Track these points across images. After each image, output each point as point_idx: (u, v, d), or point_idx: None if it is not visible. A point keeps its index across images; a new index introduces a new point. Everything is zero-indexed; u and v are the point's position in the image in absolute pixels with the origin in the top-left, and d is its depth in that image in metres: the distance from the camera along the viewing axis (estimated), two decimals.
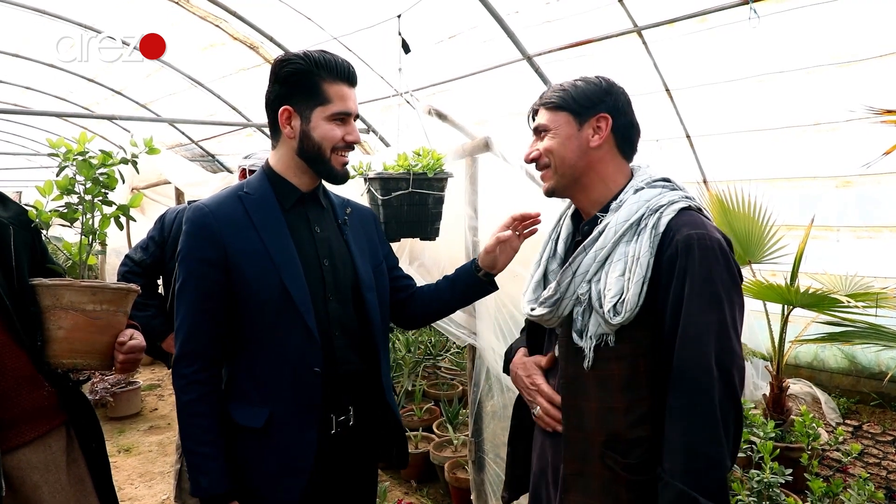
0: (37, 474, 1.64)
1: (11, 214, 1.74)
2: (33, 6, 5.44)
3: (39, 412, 1.67)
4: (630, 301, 1.31)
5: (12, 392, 1.60)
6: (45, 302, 1.64)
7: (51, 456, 1.68)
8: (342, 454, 1.68)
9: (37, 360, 1.65)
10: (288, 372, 1.56)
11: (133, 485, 4.14)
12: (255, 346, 1.59)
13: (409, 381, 4.87)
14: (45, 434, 1.68)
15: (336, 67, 1.56)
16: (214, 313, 1.56)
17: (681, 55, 3.87)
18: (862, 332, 2.89)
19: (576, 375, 1.44)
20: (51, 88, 7.82)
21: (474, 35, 4.49)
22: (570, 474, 1.44)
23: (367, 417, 1.74)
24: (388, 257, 1.92)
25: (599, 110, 1.47)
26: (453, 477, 3.52)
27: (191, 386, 1.55)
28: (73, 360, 1.67)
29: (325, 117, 1.56)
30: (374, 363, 1.74)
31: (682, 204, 1.38)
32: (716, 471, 1.23)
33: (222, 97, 6.84)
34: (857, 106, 2.54)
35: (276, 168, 1.66)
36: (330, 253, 1.68)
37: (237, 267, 1.55)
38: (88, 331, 1.66)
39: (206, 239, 1.55)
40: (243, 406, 1.59)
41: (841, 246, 4.16)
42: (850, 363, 4.72)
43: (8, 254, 1.65)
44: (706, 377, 1.24)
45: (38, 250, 1.80)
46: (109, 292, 1.68)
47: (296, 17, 4.95)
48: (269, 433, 1.56)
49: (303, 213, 1.68)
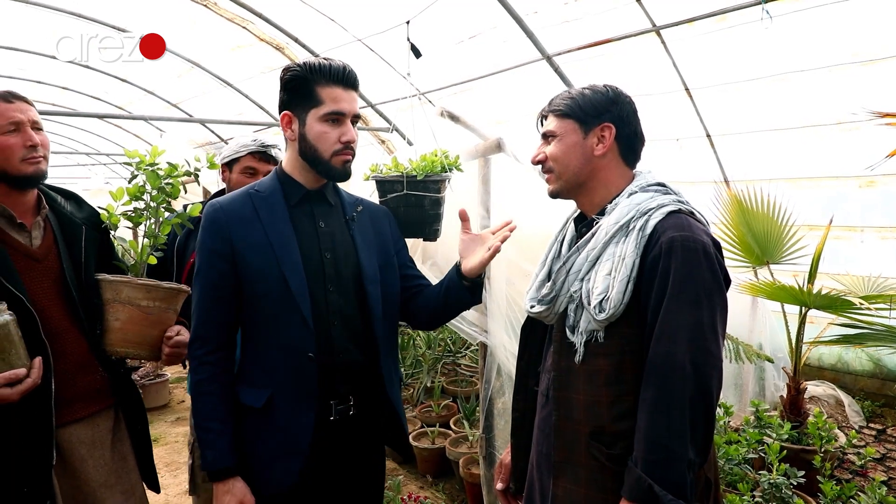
0: (84, 448, 1.82)
1: (85, 215, 1.96)
2: (69, 9, 5.63)
3: (92, 393, 1.86)
4: (614, 299, 1.37)
5: (71, 373, 1.78)
6: (107, 295, 1.82)
7: (98, 433, 1.87)
8: (340, 440, 1.74)
9: (94, 346, 1.84)
10: (286, 357, 1.65)
11: (159, 473, 4.26)
12: (259, 331, 1.69)
13: (429, 378, 4.93)
14: (95, 413, 1.87)
15: (330, 71, 1.64)
16: (222, 300, 1.68)
17: (700, 54, 3.85)
18: (877, 334, 2.85)
19: (567, 369, 1.51)
20: (86, 88, 8.05)
21: (494, 35, 4.52)
22: (559, 462, 1.51)
23: (367, 408, 1.80)
24: (399, 253, 1.96)
25: (604, 120, 1.53)
26: (468, 472, 3.57)
27: (202, 366, 1.66)
28: (126, 349, 1.85)
29: (318, 118, 1.65)
30: (373, 355, 1.79)
31: (671, 207, 1.43)
32: (675, 463, 1.27)
33: (250, 97, 6.98)
34: (873, 106, 2.51)
35: (286, 168, 1.78)
36: (332, 246, 1.76)
37: (242, 258, 1.66)
38: (141, 324, 1.84)
39: (215, 232, 1.67)
40: (248, 387, 1.69)
41: (865, 246, 4.10)
42: (876, 366, 4.64)
43: (79, 250, 1.86)
44: (675, 373, 1.29)
45: (106, 248, 1.99)
46: (162, 291, 1.86)
47: (320, 18, 5.04)
48: (269, 414, 1.65)
49: (308, 209, 1.77)
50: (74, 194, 2.02)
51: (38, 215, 1.84)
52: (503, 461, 1.87)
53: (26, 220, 1.80)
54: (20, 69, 7.38)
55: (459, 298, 1.83)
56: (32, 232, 1.81)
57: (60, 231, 1.87)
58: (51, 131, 10.76)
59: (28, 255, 1.77)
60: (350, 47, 5.17)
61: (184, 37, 6.09)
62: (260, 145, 2.44)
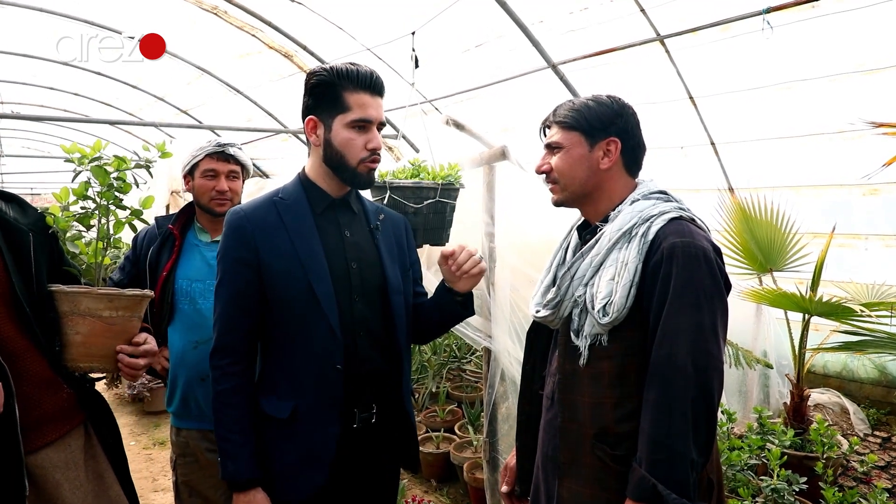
0: (58, 472, 1.68)
1: (31, 220, 1.74)
2: (78, 16, 5.71)
3: (60, 413, 1.71)
4: (617, 303, 1.41)
5: (34, 396, 1.63)
6: (63, 308, 1.66)
7: (70, 454, 1.72)
8: (362, 451, 1.73)
9: (55, 364, 1.68)
10: (312, 368, 1.64)
11: (166, 476, 4.32)
12: (283, 341, 1.67)
13: (434, 383, 4.96)
14: (65, 434, 1.72)
15: (358, 77, 1.62)
16: (247, 310, 1.66)
17: (704, 63, 3.88)
18: (878, 341, 2.87)
19: (572, 372, 1.54)
20: (98, 95, 8.15)
21: (500, 44, 4.57)
22: (564, 462, 1.54)
23: (387, 417, 1.79)
24: (413, 266, 1.96)
25: (610, 133, 1.56)
26: (472, 477, 3.59)
27: (225, 377, 1.64)
28: (90, 363, 1.71)
29: (345, 125, 1.63)
30: (396, 364, 1.79)
31: (672, 214, 1.47)
32: (678, 462, 1.31)
33: (259, 103, 7.05)
34: (875, 115, 2.54)
35: (309, 175, 1.75)
36: (358, 256, 1.74)
37: (268, 267, 1.64)
38: (104, 336, 1.69)
39: (240, 240, 1.65)
40: (271, 397, 1.67)
41: (869, 254, 4.11)
42: (881, 373, 4.65)
43: (28, 260, 1.67)
44: (677, 375, 1.33)
45: (56, 254, 1.81)
46: (125, 299, 1.70)
47: (328, 27, 5.10)
48: (293, 425, 1.64)
49: (334, 218, 1.75)
50: (16, 197, 1.79)
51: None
52: (508, 464, 1.90)
53: None
54: (33, 76, 7.49)
55: (453, 312, 1.85)
56: None
57: (4, 240, 1.64)
58: (62, 136, 10.89)
59: None
60: (358, 55, 5.23)
61: (193, 44, 6.17)
62: (216, 145, 2.39)
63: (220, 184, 2.36)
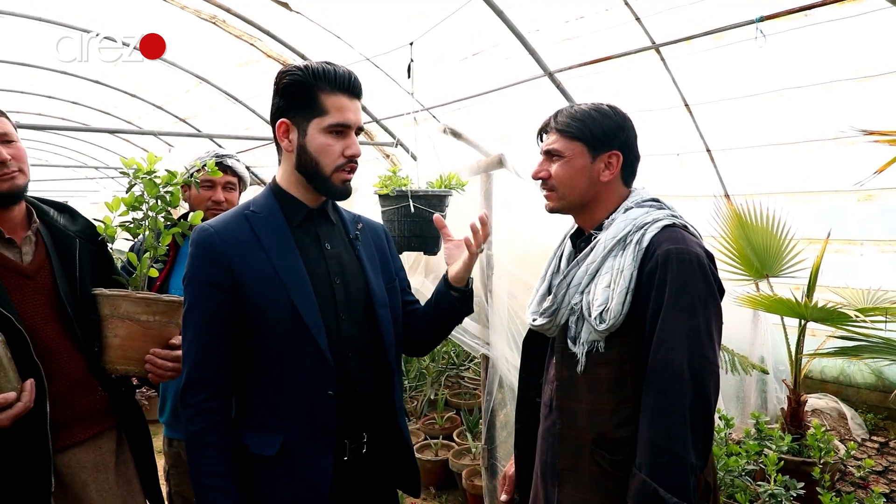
0: (86, 473, 1.72)
1: (79, 228, 1.86)
2: (79, 26, 5.74)
3: (92, 414, 1.76)
4: (613, 310, 1.43)
5: (67, 394, 1.69)
6: (105, 311, 1.71)
7: (100, 457, 1.76)
8: (357, 482, 1.62)
9: (93, 365, 1.75)
10: (301, 396, 1.50)
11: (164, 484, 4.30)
12: (266, 370, 1.53)
13: (432, 391, 4.97)
14: (96, 435, 1.77)
15: (335, 78, 1.49)
16: (223, 338, 1.50)
17: (699, 71, 3.91)
18: (873, 346, 2.89)
19: (570, 379, 1.56)
20: (96, 103, 8.16)
21: (497, 52, 4.60)
22: (563, 469, 1.55)
23: (380, 443, 1.67)
24: (399, 274, 1.85)
25: (613, 147, 1.56)
26: (471, 484, 3.60)
27: (200, 416, 1.48)
28: (126, 367, 1.74)
29: (322, 129, 1.50)
30: (387, 383, 1.67)
31: (665, 221, 1.49)
32: (678, 466, 1.33)
33: (257, 112, 7.07)
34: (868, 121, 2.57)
35: (282, 184, 1.60)
36: (341, 270, 1.61)
37: (245, 288, 1.49)
38: (142, 340, 1.73)
39: (211, 260, 1.50)
40: (256, 433, 1.53)
41: (865, 260, 4.13)
42: (878, 379, 4.66)
43: (73, 265, 1.77)
44: (675, 379, 1.35)
45: (105, 262, 1.90)
46: (162, 304, 1.74)
47: (326, 36, 5.13)
48: (283, 461, 1.50)
49: (312, 230, 1.61)
50: (68, 206, 1.91)
51: (29, 230, 1.74)
52: (507, 473, 1.91)
53: (16, 235, 1.70)
54: (31, 84, 7.50)
55: (451, 308, 1.73)
56: (23, 248, 1.71)
57: (54, 245, 1.76)
58: (61, 145, 10.90)
59: (18, 272, 1.67)
60: (356, 66, 5.26)
61: (192, 53, 6.19)
62: (215, 155, 2.41)
63: (217, 194, 2.41)
